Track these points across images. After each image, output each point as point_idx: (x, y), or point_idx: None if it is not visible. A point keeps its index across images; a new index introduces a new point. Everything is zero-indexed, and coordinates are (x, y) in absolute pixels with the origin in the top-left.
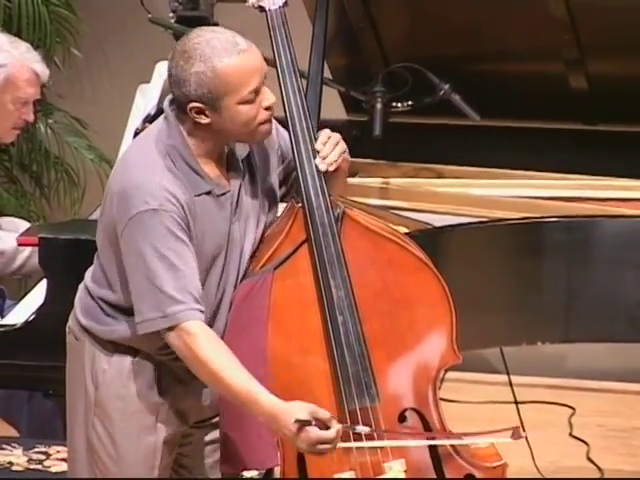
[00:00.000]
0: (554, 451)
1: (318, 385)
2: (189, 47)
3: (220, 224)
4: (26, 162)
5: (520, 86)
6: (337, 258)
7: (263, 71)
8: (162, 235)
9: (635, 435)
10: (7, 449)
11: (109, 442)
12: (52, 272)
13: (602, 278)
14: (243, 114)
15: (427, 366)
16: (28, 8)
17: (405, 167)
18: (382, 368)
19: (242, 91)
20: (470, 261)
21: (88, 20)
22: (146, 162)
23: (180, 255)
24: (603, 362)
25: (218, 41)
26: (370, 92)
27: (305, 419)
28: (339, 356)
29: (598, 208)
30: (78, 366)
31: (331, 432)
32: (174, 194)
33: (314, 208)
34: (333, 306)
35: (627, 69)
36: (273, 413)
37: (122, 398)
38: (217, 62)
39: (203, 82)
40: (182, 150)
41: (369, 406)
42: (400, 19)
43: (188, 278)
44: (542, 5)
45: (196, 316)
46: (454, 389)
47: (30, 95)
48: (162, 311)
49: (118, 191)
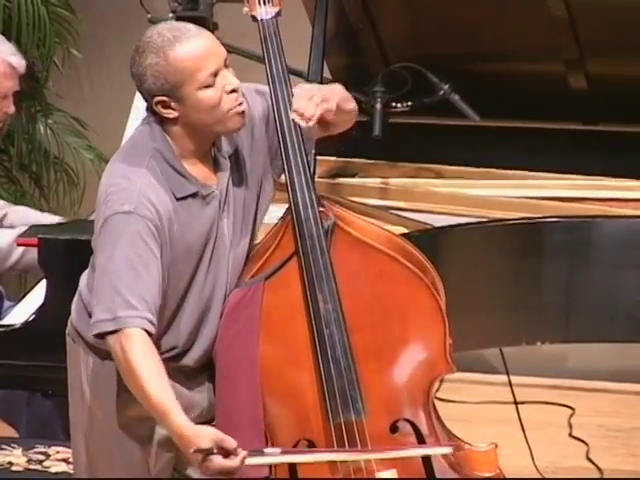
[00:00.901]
0: (554, 451)
1: (306, 397)
2: (142, 42)
3: (205, 222)
4: (26, 162)
5: (520, 86)
6: (325, 271)
7: (221, 55)
8: (132, 238)
9: (635, 435)
10: (7, 449)
11: (103, 446)
12: (52, 272)
13: (602, 278)
14: (206, 100)
15: (420, 377)
16: (28, 8)
17: (405, 167)
18: (372, 380)
19: (198, 76)
20: (469, 261)
21: (88, 20)
22: (129, 168)
23: (145, 262)
24: (603, 362)
25: (168, 31)
26: (370, 92)
27: (207, 448)
28: (325, 369)
29: (598, 208)
30: (76, 368)
31: (235, 461)
32: (153, 202)
33: (303, 220)
34: (320, 319)
35: (627, 69)
36: (179, 434)
37: (115, 400)
38: (168, 50)
39: (159, 73)
40: (166, 152)
41: (354, 420)
42: (400, 19)
43: (147, 286)
44: (542, 5)
45: (143, 324)
46: (454, 389)
47: (8, 88)
48: (113, 313)
49: (102, 196)
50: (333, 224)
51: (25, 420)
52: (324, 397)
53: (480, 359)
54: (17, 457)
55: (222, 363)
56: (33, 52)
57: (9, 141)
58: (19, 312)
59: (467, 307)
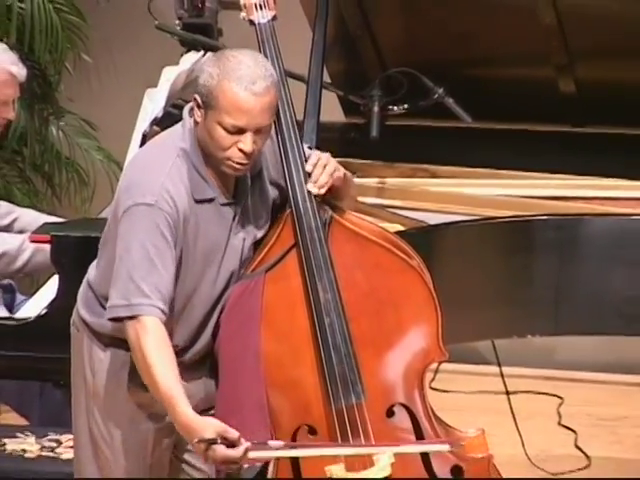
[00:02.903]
0: (543, 439)
1: (308, 384)
2: (226, 54)
3: (217, 231)
4: (38, 163)
5: (511, 90)
6: (324, 262)
7: (257, 122)
8: (151, 230)
9: (621, 424)
10: (21, 437)
11: (105, 430)
12: (63, 268)
13: (590, 274)
14: (216, 135)
15: (414, 363)
16: (40, 15)
17: (401, 167)
18: (370, 366)
19: (225, 117)
20: (463, 258)
21: (98, 27)
22: (155, 162)
23: (161, 254)
24: (591, 354)
25: (245, 69)
26: (367, 96)
27: (211, 438)
28: (326, 356)
29: (586, 207)
30: (79, 357)
31: (237, 450)
32: (173, 197)
33: (302, 213)
34: (320, 308)
35: (614, 73)
36: (184, 424)
37: (116, 387)
38: (225, 79)
39: (207, 82)
40: (192, 155)
41: (355, 403)
42: (396, 26)
43: (161, 277)
44: (532, 13)
45: (156, 313)
46: (448, 380)
47: (9, 96)
48: (128, 300)
49: (124, 185)
50: (330, 217)
51: (38, 409)
52: (325, 383)
53: (473, 351)
54: (30, 445)
55: (225, 354)
56: (45, 57)
57: (22, 142)
58: (32, 306)
59: (460, 301)
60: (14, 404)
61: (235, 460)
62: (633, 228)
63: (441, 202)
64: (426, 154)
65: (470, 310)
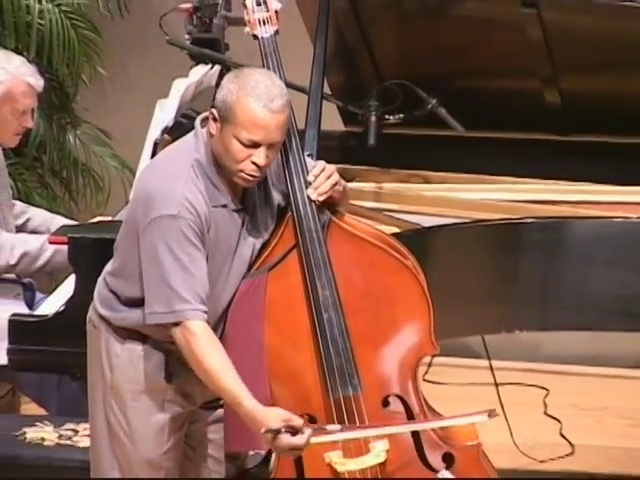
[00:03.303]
0: (530, 428)
1: (308, 376)
2: (245, 72)
3: (231, 235)
4: (57, 169)
5: (500, 101)
6: (323, 261)
7: (272, 137)
8: (178, 239)
9: (604, 413)
10: (39, 426)
11: (123, 420)
12: (80, 268)
13: (573, 273)
14: (231, 148)
15: (407, 356)
16: (58, 31)
17: (397, 173)
18: (366, 359)
19: (242, 131)
20: (455, 258)
21: (112, 42)
22: (173, 171)
23: (193, 259)
24: (575, 348)
25: (263, 88)
26: (365, 106)
27: (276, 428)
28: (325, 350)
29: (570, 210)
30: (96, 352)
31: (301, 439)
32: (193, 204)
33: (302, 216)
34: (319, 304)
35: (596, 85)
36: (251, 417)
37: (133, 380)
38: (244, 96)
39: (226, 97)
40: (205, 164)
41: (352, 395)
42: (392, 41)
43: (198, 281)
44: (520, 30)
45: (200, 317)
46: (440, 372)
47: (27, 105)
48: (170, 307)
49: (144, 193)
50: (329, 220)
51: (56, 400)
52: (324, 375)
53: (464, 345)
54: (49, 433)
55: (231, 347)
56: (63, 70)
57: (42, 150)
58: (50, 304)
59: (452, 299)
60: (34, 395)
61: (299, 447)
62: (612, 230)
63: (434, 206)
64: (420, 161)
65: (461, 307)
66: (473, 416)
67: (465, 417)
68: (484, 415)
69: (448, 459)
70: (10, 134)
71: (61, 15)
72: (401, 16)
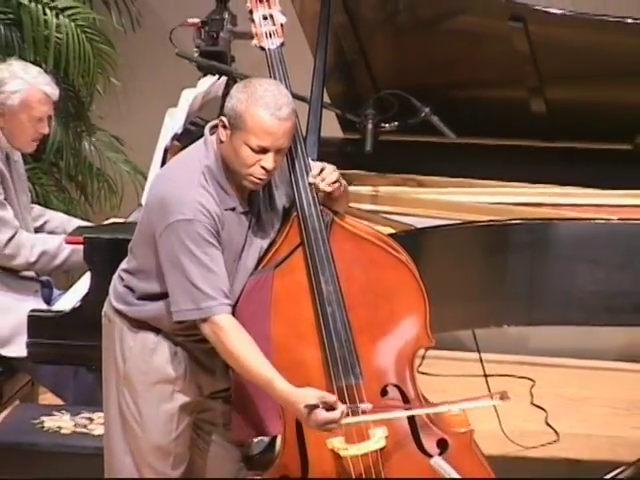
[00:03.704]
0: (517, 417)
1: (312, 366)
2: (254, 82)
3: (239, 236)
4: (73, 174)
5: (489, 109)
6: (326, 258)
7: (279, 142)
8: (196, 241)
9: (586, 403)
10: (57, 415)
11: (135, 409)
12: (95, 266)
13: (558, 271)
14: (241, 154)
15: (405, 348)
16: (75, 45)
17: (392, 177)
18: (366, 350)
19: (251, 138)
20: (447, 257)
21: (125, 54)
22: (185, 178)
23: (212, 258)
24: (560, 342)
25: (271, 97)
26: (362, 114)
27: (313, 404)
28: (328, 341)
29: (555, 212)
30: (110, 345)
31: (336, 413)
32: (206, 207)
33: (307, 216)
34: (323, 299)
35: (579, 95)
36: (288, 399)
37: (145, 371)
38: (253, 105)
39: (236, 106)
40: (215, 170)
41: (353, 383)
42: (388, 54)
43: (219, 277)
44: (508, 42)
45: (225, 310)
46: (433, 364)
47: (43, 113)
48: (197, 304)
49: (158, 198)
50: (331, 220)
51: (72, 391)
52: (327, 365)
53: (456, 339)
54: (65, 422)
55: None
56: (79, 81)
57: (59, 156)
58: (67, 300)
59: (445, 295)
60: (51, 386)
61: (335, 421)
62: (594, 231)
63: (428, 208)
64: (414, 166)
65: (453, 303)
66: (485, 400)
67: (478, 400)
68: (497, 399)
69: (442, 445)
70: (28, 140)
71: (77, 29)
72: (396, 30)
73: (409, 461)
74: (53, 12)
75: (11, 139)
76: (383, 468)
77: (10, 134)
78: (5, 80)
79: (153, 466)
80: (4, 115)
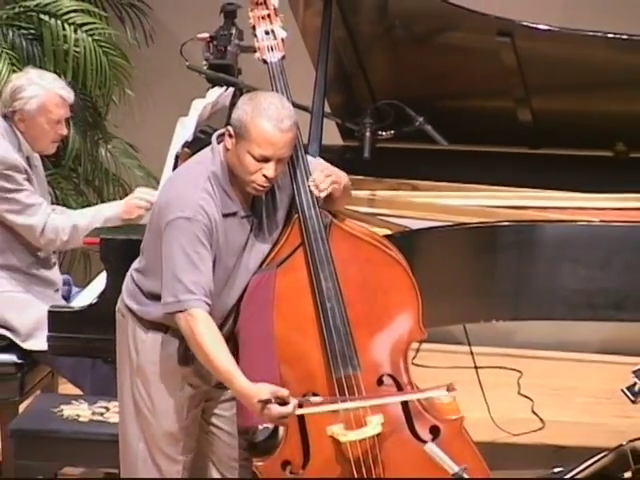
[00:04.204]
0: (506, 406)
1: (313, 358)
2: (258, 95)
3: (240, 238)
4: (90, 179)
5: (479, 118)
6: (326, 257)
7: (281, 152)
8: (190, 239)
9: (571, 393)
10: (75, 404)
11: (147, 397)
12: (111, 265)
13: (543, 270)
14: (245, 162)
15: (399, 340)
16: (92, 58)
17: (388, 182)
18: (363, 343)
19: (255, 147)
20: (439, 257)
21: (139, 67)
22: (190, 182)
23: (201, 257)
24: (545, 335)
25: (274, 109)
26: (360, 123)
27: (266, 399)
28: (328, 335)
29: (540, 215)
30: (124, 338)
31: (289, 407)
32: (206, 210)
33: (307, 218)
34: (323, 295)
35: (563, 105)
36: (243, 393)
37: (156, 363)
38: (257, 116)
39: (242, 117)
40: (220, 176)
41: (352, 374)
42: (385, 66)
43: (204, 276)
44: (496, 55)
45: (202, 306)
46: (426, 357)
47: (61, 115)
48: (176, 297)
49: (165, 199)
50: (330, 221)
51: (89, 381)
52: (327, 357)
53: (448, 333)
54: (83, 410)
55: (244, 334)
56: (96, 92)
57: (77, 162)
58: (85, 297)
59: (438, 292)
60: (70, 377)
61: (287, 414)
62: (577, 232)
63: (421, 211)
64: (409, 171)
65: (445, 299)
66: (435, 390)
67: (428, 391)
68: (444, 390)
69: (435, 431)
70: (48, 142)
71: (94, 44)
72: (392, 45)
73: (403, 446)
74: (72, 27)
75: (33, 143)
76: (380, 452)
77: (31, 138)
78: (23, 87)
79: (164, 451)
80: (24, 121)
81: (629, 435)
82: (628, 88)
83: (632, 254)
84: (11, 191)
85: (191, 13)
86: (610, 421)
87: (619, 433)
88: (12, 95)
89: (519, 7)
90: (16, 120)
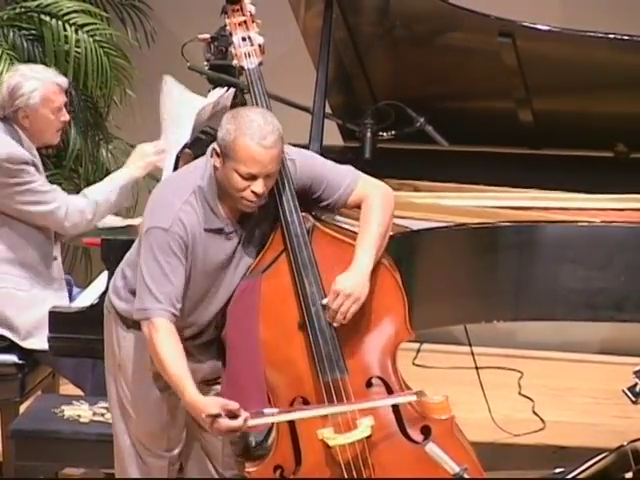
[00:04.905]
0: (506, 406)
1: (300, 363)
2: (240, 112)
3: (223, 254)
4: (91, 179)
5: (480, 119)
6: (309, 261)
7: (267, 169)
8: (163, 249)
9: (571, 393)
10: (76, 404)
11: (129, 393)
12: (112, 265)
13: (544, 270)
14: (233, 180)
15: (386, 342)
16: (93, 59)
17: (389, 182)
18: (350, 346)
19: (240, 166)
20: (440, 257)
21: (140, 68)
22: (175, 192)
23: (173, 268)
24: (545, 336)
25: (257, 127)
26: (361, 124)
27: (215, 413)
28: (314, 339)
29: (541, 215)
30: (109, 334)
31: (239, 420)
32: (184, 223)
33: (289, 223)
34: (307, 299)
35: (564, 106)
36: (193, 406)
37: (137, 361)
38: (240, 135)
39: (225, 137)
40: (207, 192)
41: (339, 377)
42: (385, 67)
43: (173, 287)
44: (497, 56)
45: (166, 316)
46: (428, 357)
47: (61, 102)
48: (143, 304)
49: (150, 205)
50: (312, 226)
51: (91, 382)
52: (314, 361)
53: (449, 334)
54: (84, 411)
55: (231, 340)
56: (97, 92)
57: (78, 163)
58: (86, 297)
59: (438, 293)
60: (71, 377)
61: (237, 429)
62: (578, 233)
63: (422, 211)
64: (410, 172)
65: (446, 300)
66: (402, 397)
67: (397, 397)
68: (413, 395)
69: (426, 431)
70: (54, 131)
71: (95, 45)
72: (393, 45)
73: (395, 448)
74: (73, 28)
75: (40, 136)
76: (370, 455)
77: (38, 132)
78: (20, 84)
79: (147, 447)
80: (29, 116)
81: (630, 435)
82: (629, 89)
83: (633, 255)
84: (25, 183)
85: (192, 14)
86: (611, 421)
87: (620, 433)
88: (11, 95)
89: (519, 7)
90: (20, 118)
